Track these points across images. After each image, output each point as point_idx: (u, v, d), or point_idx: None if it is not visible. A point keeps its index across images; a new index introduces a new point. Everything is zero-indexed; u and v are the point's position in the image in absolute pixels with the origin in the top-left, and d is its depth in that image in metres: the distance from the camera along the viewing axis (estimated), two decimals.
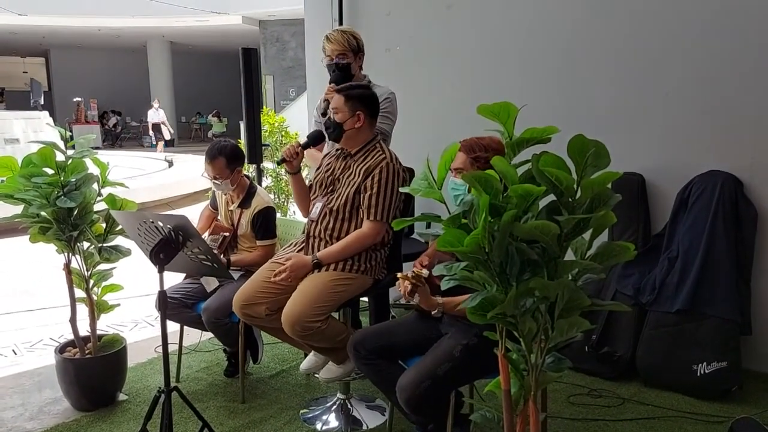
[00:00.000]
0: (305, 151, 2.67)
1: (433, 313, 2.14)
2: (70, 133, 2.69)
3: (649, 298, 3.02)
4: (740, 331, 2.87)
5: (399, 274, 2.05)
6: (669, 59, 3.10)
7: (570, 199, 1.35)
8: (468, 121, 2.86)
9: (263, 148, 4.70)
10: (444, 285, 1.54)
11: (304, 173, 2.73)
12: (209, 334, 3.15)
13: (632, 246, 1.40)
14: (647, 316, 3.03)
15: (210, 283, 2.84)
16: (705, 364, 2.84)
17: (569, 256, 1.44)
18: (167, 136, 18.73)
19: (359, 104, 2.47)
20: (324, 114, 2.98)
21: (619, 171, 1.36)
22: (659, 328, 2.97)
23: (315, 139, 2.67)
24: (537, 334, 1.48)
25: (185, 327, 3.10)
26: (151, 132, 19.18)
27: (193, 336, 3.35)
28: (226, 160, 2.91)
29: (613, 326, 3.10)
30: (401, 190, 1.76)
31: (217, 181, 2.92)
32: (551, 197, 1.42)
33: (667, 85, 3.13)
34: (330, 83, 2.91)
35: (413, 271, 2.04)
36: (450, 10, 3.72)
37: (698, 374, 2.85)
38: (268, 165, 6.21)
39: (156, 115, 18.72)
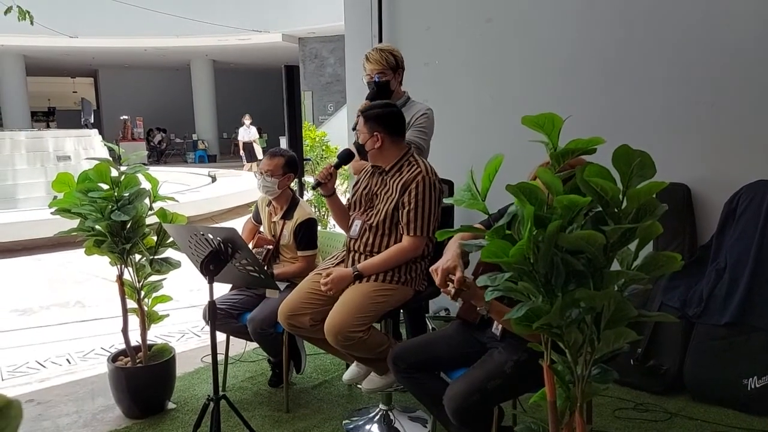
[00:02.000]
0: (353, 164, 2.74)
1: (478, 309, 2.12)
2: (123, 150, 2.80)
3: (697, 311, 2.96)
4: None
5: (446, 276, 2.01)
6: (715, 68, 3.06)
7: (616, 210, 1.36)
8: (508, 133, 2.89)
9: (304, 162, 4.80)
10: (488, 296, 1.56)
11: (343, 187, 2.79)
12: (254, 345, 3.22)
13: (679, 256, 1.40)
14: (694, 328, 2.97)
15: (272, 293, 2.92)
16: (755, 378, 2.77)
17: (615, 267, 1.44)
18: (260, 156, 16.48)
19: (375, 125, 2.50)
20: (354, 128, 3.07)
21: (665, 181, 1.36)
22: (707, 341, 2.91)
23: (345, 158, 2.72)
24: (583, 345, 1.48)
25: (230, 337, 3.17)
26: (241, 152, 17.09)
27: (238, 346, 3.42)
28: (285, 162, 3.05)
29: (659, 339, 3.05)
30: (445, 201, 1.78)
31: (267, 178, 3.00)
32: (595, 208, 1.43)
33: (713, 94, 3.08)
34: (366, 99, 2.99)
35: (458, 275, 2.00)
36: (490, 23, 3.74)
37: (749, 388, 2.78)
38: (309, 179, 6.30)
39: (247, 133, 16.73)
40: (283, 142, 4.92)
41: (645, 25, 3.24)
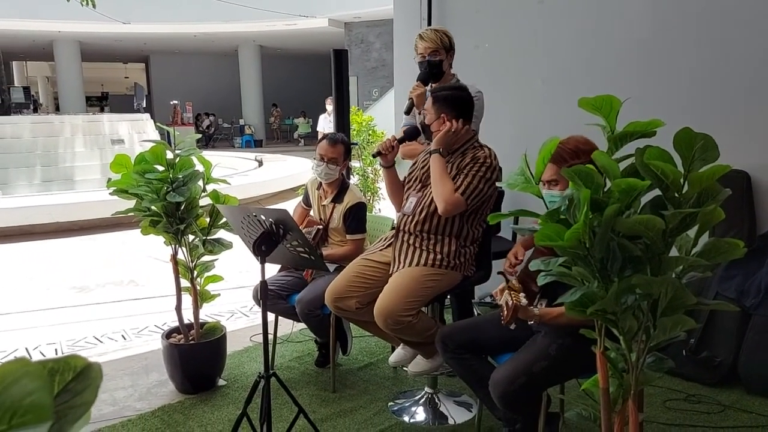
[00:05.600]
0: (401, 147, 2.72)
1: (529, 323, 2.10)
2: (178, 134, 2.86)
3: (754, 302, 2.86)
4: None
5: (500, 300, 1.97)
6: None
7: (676, 194, 1.32)
8: (559, 117, 2.83)
9: (351, 146, 4.81)
10: (540, 281, 1.55)
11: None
12: (300, 325, 3.27)
13: (742, 243, 1.36)
14: (751, 320, 2.88)
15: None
16: None
17: (672, 253, 1.41)
18: None
19: (444, 107, 2.47)
20: (407, 112, 3.03)
21: (728, 165, 1.32)
22: (765, 333, 2.81)
23: (411, 135, 2.68)
24: (638, 333, 1.45)
25: (279, 317, 3.23)
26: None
27: (286, 326, 3.48)
28: (345, 149, 3.08)
29: (713, 330, 2.96)
30: (498, 184, 1.77)
31: (331, 165, 3.03)
32: (652, 194, 1.39)
33: None
34: (417, 81, 2.95)
35: (512, 301, 1.92)
36: (542, 5, 3.66)
37: None
38: (354, 164, 6.33)
39: (327, 122, 12.09)
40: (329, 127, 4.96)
41: (704, 6, 3.12)
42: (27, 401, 0.45)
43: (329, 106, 11.26)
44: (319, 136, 11.08)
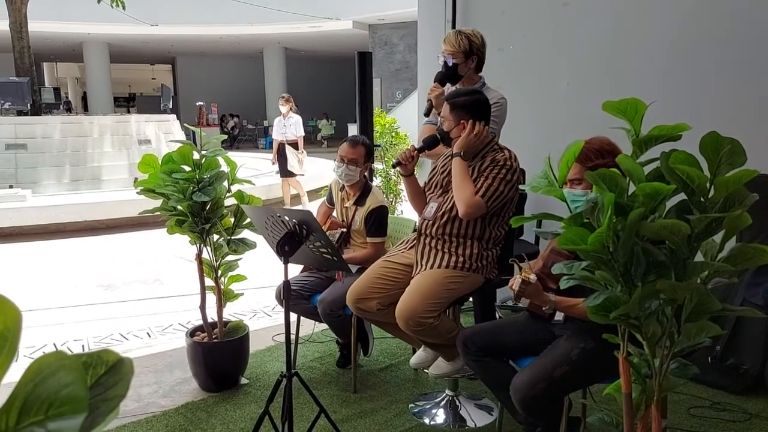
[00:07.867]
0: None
1: (544, 308, 2.11)
2: (204, 134, 2.90)
3: None
4: None
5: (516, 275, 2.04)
6: None
7: (702, 199, 1.31)
8: (584, 120, 2.81)
9: (374, 148, 4.82)
10: (563, 284, 1.54)
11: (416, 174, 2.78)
12: (322, 326, 3.29)
13: None
14: None
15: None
16: None
17: (698, 258, 1.39)
18: (293, 167, 8.92)
19: (463, 113, 2.47)
20: (427, 114, 3.03)
21: (756, 170, 1.30)
22: None
23: (430, 144, 2.66)
24: (662, 338, 1.44)
25: (301, 317, 3.25)
26: (273, 157, 9.59)
27: (308, 327, 3.51)
28: (366, 151, 3.09)
29: (740, 338, 2.92)
30: (521, 187, 1.76)
31: (351, 166, 3.05)
32: (676, 198, 1.38)
33: None
34: (434, 81, 2.95)
35: (520, 276, 2.02)
36: (567, 7, 3.64)
37: None
38: (377, 165, 6.35)
39: (281, 128, 9.02)
40: (353, 129, 4.97)
41: (732, 5, 3.08)
42: (63, 393, 0.47)
43: (283, 108, 8.93)
44: (275, 146, 9.11)
